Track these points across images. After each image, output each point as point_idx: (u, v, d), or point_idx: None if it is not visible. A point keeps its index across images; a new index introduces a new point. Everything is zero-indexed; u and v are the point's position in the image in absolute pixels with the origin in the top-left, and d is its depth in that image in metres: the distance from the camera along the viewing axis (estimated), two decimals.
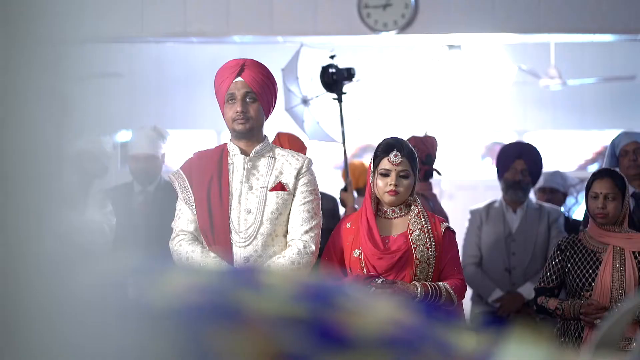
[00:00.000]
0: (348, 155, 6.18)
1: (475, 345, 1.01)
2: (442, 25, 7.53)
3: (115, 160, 11.53)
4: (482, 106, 12.34)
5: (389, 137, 4.31)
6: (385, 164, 4.18)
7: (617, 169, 5.47)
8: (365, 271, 4.11)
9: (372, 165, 4.24)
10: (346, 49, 9.30)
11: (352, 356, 0.95)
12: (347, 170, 6.21)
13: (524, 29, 7.53)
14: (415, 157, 4.24)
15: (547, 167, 9.24)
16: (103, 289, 1.02)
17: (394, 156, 4.16)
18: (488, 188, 6.43)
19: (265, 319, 0.97)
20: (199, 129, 12.39)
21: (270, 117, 4.29)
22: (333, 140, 6.40)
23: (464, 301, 6.26)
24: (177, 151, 8.82)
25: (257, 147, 4.15)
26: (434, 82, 12.19)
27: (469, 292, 6.34)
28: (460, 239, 6.35)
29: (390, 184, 4.15)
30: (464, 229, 6.34)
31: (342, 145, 6.22)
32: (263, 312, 0.98)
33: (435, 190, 11.51)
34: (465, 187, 11.94)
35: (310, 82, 6.22)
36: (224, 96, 4.12)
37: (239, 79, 4.10)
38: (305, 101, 6.31)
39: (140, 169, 5.94)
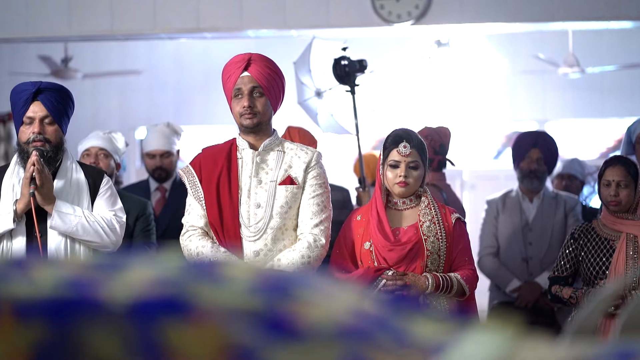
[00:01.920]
0: (369, 148, 6.17)
1: (436, 333, 1.00)
2: (456, 15, 7.50)
3: (135, 158, 11.60)
4: (502, 96, 12.28)
5: (397, 128, 4.30)
6: (394, 155, 4.16)
7: (634, 157, 5.44)
8: (375, 263, 4.10)
9: (381, 156, 4.23)
10: (360, 42, 9.29)
11: (302, 348, 0.95)
12: (362, 162, 6.19)
13: (537, 17, 7.50)
14: (425, 147, 4.23)
15: (569, 156, 9.20)
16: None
17: (403, 147, 4.15)
18: (509, 178, 6.42)
19: (218, 312, 0.97)
20: (218, 124, 12.40)
21: (283, 111, 4.29)
22: (347, 132, 6.40)
23: (481, 292, 6.26)
24: (197, 147, 8.85)
25: (266, 141, 4.14)
26: (452, 73, 12.14)
27: (486, 283, 6.32)
28: (479, 229, 6.36)
29: (400, 176, 4.14)
30: None
31: (356, 137, 6.21)
32: (217, 304, 0.98)
33: (456, 181, 11.57)
34: (487, 177, 11.90)
35: (323, 74, 6.21)
36: (231, 91, 4.13)
37: (246, 73, 4.10)
38: (318, 94, 6.30)
39: (155, 165, 5.95)
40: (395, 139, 4.19)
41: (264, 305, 0.99)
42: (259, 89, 4.09)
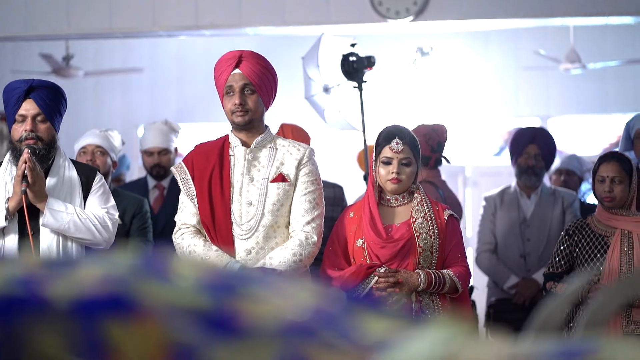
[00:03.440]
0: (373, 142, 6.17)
1: (384, 331, 1.00)
2: (455, 12, 7.49)
3: (137, 156, 11.63)
4: (504, 92, 12.26)
5: (390, 124, 4.29)
6: (386, 152, 4.16)
7: (632, 152, 5.43)
8: (368, 260, 4.09)
9: (374, 153, 4.22)
10: (362, 38, 9.29)
11: (243, 346, 0.94)
12: (367, 157, 6.20)
13: (536, 13, 7.48)
14: (417, 144, 4.22)
15: (571, 152, 9.17)
16: None
17: (396, 144, 4.14)
18: (512, 174, 6.43)
19: (162, 310, 0.96)
20: (220, 121, 12.40)
21: (289, 106, 4.28)
22: (354, 128, 6.40)
23: (480, 288, 6.25)
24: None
25: (258, 139, 4.13)
26: (453, 70, 12.13)
27: (484, 279, 6.31)
28: (477, 225, 6.34)
29: (392, 172, 4.13)
30: None
31: (362, 133, 6.21)
32: (162, 302, 0.97)
33: (459, 178, 11.55)
34: (489, 174, 11.87)
35: (331, 70, 6.21)
36: (222, 88, 4.11)
37: (237, 70, 4.08)
38: (326, 89, 6.31)
39: (153, 163, 5.96)
40: (388, 135, 4.18)
41: (209, 303, 0.99)
42: (250, 86, 4.07)
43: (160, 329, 0.95)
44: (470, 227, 10.87)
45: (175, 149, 6.07)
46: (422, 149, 5.36)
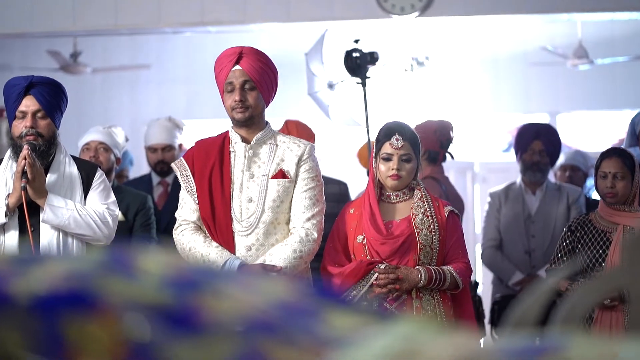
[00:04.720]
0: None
1: (348, 327, 0.99)
2: (461, 8, 7.48)
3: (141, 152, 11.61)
4: (512, 88, 12.22)
5: (390, 121, 4.28)
6: (387, 148, 4.15)
7: (637, 148, 5.41)
8: (368, 257, 4.09)
9: (374, 149, 4.22)
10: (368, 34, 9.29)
11: (201, 342, 0.94)
12: (371, 154, 6.20)
13: (542, 9, 7.47)
14: (418, 140, 4.21)
15: (581, 148, 9.14)
16: None
17: (396, 140, 4.13)
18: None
19: (122, 306, 0.96)
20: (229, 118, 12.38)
21: (294, 101, 4.28)
22: (358, 124, 6.40)
23: (484, 285, 6.24)
24: None
25: (258, 135, 4.13)
26: (460, 66, 12.10)
27: (489, 276, 6.29)
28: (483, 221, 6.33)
29: (393, 168, 4.12)
30: None
31: (366, 129, 6.21)
32: (124, 298, 0.97)
33: (467, 174, 11.52)
34: (498, 170, 11.83)
35: (335, 66, 6.21)
36: (223, 85, 4.11)
37: (237, 67, 4.08)
38: (330, 86, 6.31)
39: (157, 159, 5.97)
40: (388, 132, 4.18)
41: (171, 299, 0.98)
42: (251, 82, 4.07)
43: (120, 326, 0.94)
44: (478, 224, 10.84)
45: (180, 146, 6.07)
46: (432, 145, 5.38)
